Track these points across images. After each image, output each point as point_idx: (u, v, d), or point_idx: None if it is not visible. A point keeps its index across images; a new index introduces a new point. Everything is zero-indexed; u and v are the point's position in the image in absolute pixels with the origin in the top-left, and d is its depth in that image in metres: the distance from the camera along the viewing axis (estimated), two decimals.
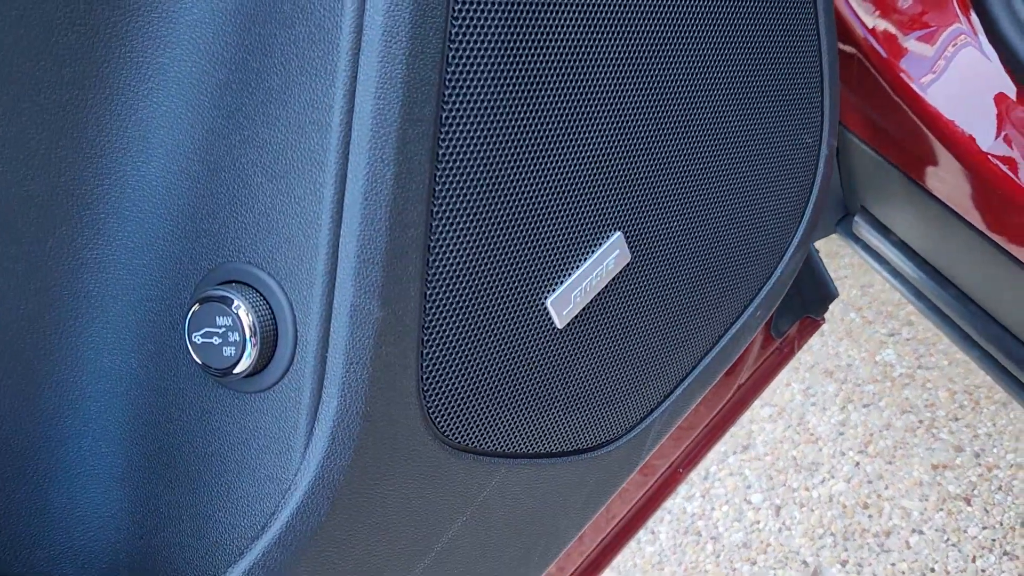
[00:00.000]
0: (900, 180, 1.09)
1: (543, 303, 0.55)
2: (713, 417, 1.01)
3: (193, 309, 0.47)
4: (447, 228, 0.49)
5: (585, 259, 0.57)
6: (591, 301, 0.59)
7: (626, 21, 0.56)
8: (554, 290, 0.55)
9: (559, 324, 0.56)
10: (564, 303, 0.56)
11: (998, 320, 1.06)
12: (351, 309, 0.46)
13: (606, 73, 0.55)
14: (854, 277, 1.63)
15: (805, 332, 1.08)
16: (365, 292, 0.46)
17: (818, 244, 1.29)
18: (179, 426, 0.50)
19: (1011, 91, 0.91)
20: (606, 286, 0.60)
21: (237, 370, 0.46)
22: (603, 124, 0.56)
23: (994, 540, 1.32)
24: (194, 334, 0.47)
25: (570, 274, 0.56)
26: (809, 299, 1.03)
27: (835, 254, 1.59)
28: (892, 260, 1.19)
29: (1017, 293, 0.99)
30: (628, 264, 0.61)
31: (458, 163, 0.48)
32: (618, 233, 0.59)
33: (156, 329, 0.50)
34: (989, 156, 0.92)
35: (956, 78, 0.96)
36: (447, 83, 0.47)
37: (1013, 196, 0.91)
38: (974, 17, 0.94)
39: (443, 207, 0.48)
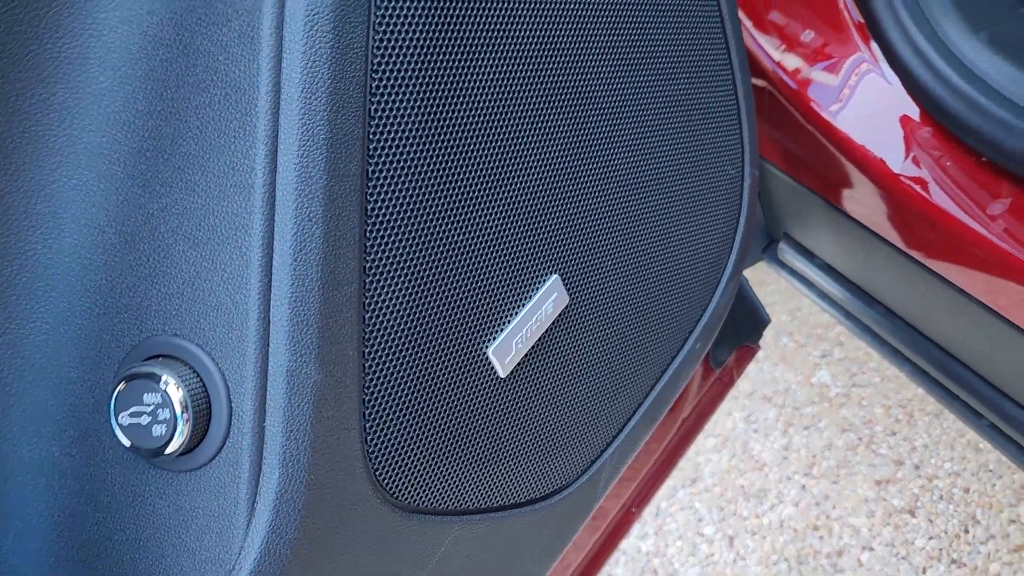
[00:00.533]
0: (819, 204, 1.12)
1: (484, 353, 0.54)
2: (661, 453, 1.01)
3: (118, 388, 0.45)
4: (381, 283, 0.47)
5: (524, 304, 0.56)
6: (533, 346, 0.58)
7: (549, 68, 0.56)
8: (495, 338, 0.54)
9: (502, 373, 0.55)
10: (506, 351, 0.55)
11: (924, 333, 1.09)
12: (287, 375, 0.44)
13: (531, 120, 0.55)
14: (783, 303, 1.66)
15: (742, 360, 1.09)
16: (301, 356, 0.44)
17: (746, 272, 1.31)
18: (109, 513, 0.47)
19: (915, 113, 0.95)
20: (547, 330, 0.59)
21: (169, 449, 0.44)
22: (531, 170, 0.56)
23: (941, 549, 1.34)
24: (120, 415, 0.45)
25: (510, 321, 0.55)
26: (743, 328, 1.04)
27: (762, 281, 1.63)
28: (818, 283, 1.22)
29: (939, 305, 1.02)
30: (567, 306, 0.61)
31: (388, 217, 0.47)
32: (555, 276, 0.59)
33: (78, 413, 0.47)
34: (900, 176, 0.95)
35: (863, 104, 0.99)
36: (371, 136, 0.46)
37: (926, 213, 0.94)
38: (874, 45, 0.98)
39: (376, 262, 0.47)
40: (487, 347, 0.54)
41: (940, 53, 0.93)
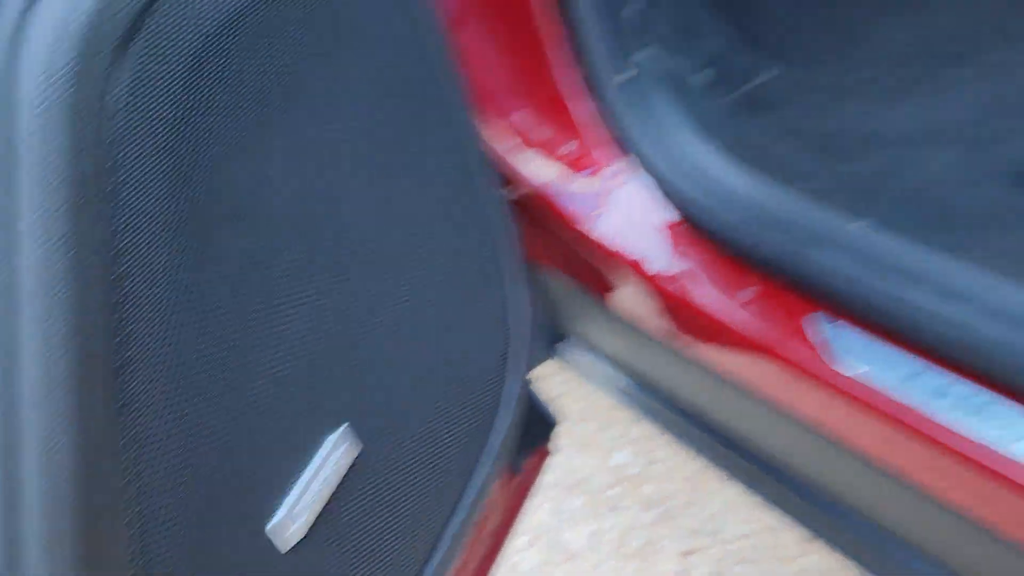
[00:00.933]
0: (595, 303, 1.19)
1: (263, 532, 0.52)
2: (473, 569, 1.00)
3: None
4: (146, 480, 0.45)
5: (308, 466, 0.55)
6: (326, 503, 0.57)
7: (305, 219, 0.56)
8: (275, 513, 0.53)
9: (283, 548, 0.53)
10: (290, 522, 0.53)
11: (699, 415, 1.17)
12: None
13: (291, 273, 0.55)
14: (577, 390, 1.73)
15: (539, 461, 1.12)
16: (58, 564, 0.41)
17: (538, 369, 1.36)
18: None
19: (668, 216, 1.04)
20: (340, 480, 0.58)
21: None
22: (298, 323, 0.55)
23: None
24: None
25: (292, 488, 0.54)
26: (535, 432, 1.07)
27: (552, 374, 1.69)
28: (603, 375, 1.28)
29: (706, 389, 1.11)
30: (360, 453, 0.60)
31: (148, 408, 0.45)
32: (343, 426, 0.58)
33: None
34: (660, 275, 1.03)
35: (621, 210, 1.07)
36: (120, 330, 0.44)
37: (686, 307, 1.02)
38: (631, 155, 1.06)
39: (140, 456, 0.44)
40: (266, 524, 0.52)
41: (681, 163, 1.02)
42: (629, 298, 1.10)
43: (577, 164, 1.10)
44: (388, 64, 0.62)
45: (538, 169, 1.12)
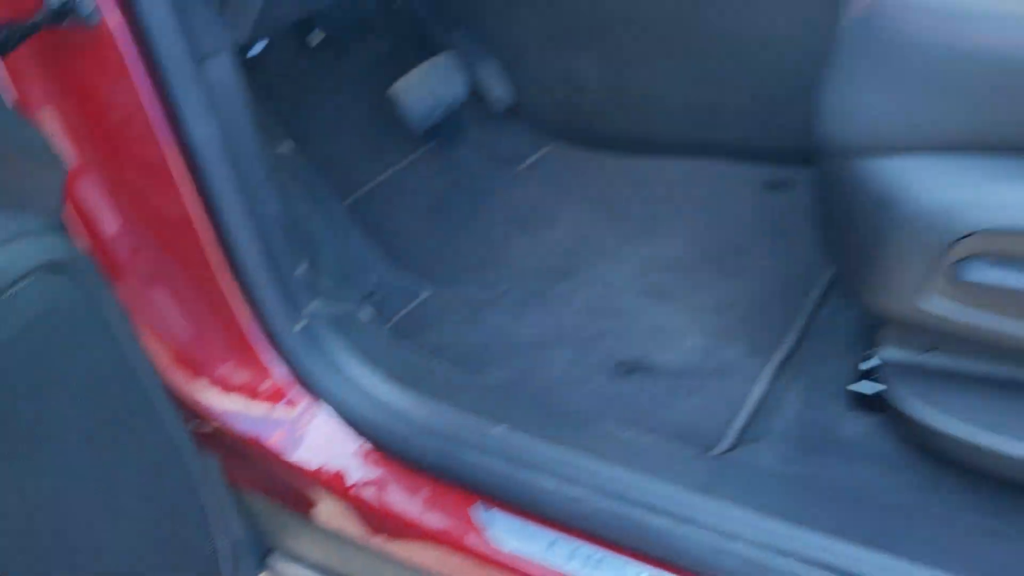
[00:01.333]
0: (298, 518, 1.33)
1: None
2: None
3: None
4: None
5: None
6: None
7: None
8: None
9: None
10: None
11: None
12: None
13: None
14: None
15: None
16: None
17: None
18: None
19: (357, 437, 1.22)
20: None
21: None
22: None
23: None
24: None
25: None
26: None
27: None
28: None
29: None
30: None
31: None
32: None
33: None
34: (354, 487, 1.21)
35: (316, 437, 1.24)
36: None
37: (380, 510, 1.21)
38: (317, 390, 1.24)
39: None
40: None
41: (356, 392, 1.22)
42: (328, 510, 1.27)
43: (273, 401, 1.26)
44: (91, 382, 0.76)
45: (240, 409, 1.26)
